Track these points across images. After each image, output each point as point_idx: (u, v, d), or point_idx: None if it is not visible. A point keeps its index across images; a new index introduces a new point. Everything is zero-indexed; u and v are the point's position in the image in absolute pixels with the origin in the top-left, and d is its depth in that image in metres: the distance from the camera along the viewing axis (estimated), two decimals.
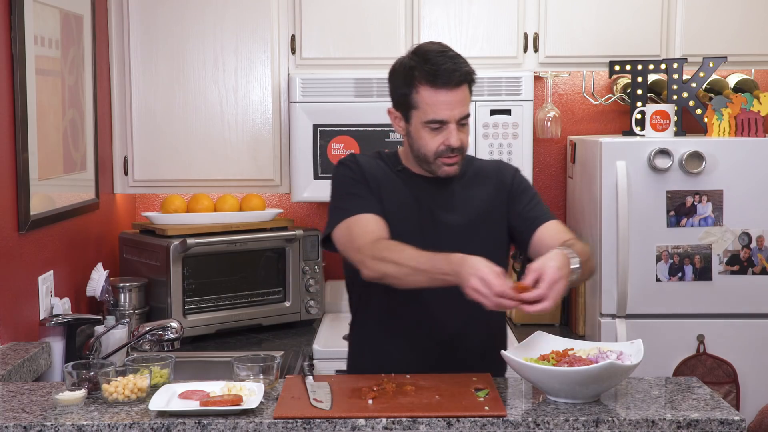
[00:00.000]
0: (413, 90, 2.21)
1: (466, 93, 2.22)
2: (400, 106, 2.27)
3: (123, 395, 1.97)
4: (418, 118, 2.22)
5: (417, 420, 1.87)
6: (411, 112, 2.24)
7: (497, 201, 2.34)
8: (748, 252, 3.20)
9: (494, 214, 2.33)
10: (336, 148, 3.41)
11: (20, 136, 2.62)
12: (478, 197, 2.33)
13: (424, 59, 2.20)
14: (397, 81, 2.25)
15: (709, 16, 3.50)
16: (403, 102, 2.25)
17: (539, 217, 2.34)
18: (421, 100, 2.20)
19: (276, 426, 1.86)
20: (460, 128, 2.22)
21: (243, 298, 3.46)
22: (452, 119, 2.20)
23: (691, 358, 3.23)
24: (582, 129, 3.88)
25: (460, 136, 2.22)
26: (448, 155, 2.23)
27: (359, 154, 2.38)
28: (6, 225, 2.56)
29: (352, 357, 2.47)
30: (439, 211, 2.29)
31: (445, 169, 2.25)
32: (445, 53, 2.21)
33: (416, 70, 2.20)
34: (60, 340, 2.64)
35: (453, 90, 2.18)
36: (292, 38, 3.49)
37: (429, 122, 2.20)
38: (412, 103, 2.22)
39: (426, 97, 2.19)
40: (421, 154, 2.26)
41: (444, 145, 2.22)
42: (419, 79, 2.19)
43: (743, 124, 3.28)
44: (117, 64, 3.50)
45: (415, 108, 2.22)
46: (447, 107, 2.19)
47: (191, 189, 3.59)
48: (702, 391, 2.06)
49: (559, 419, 1.87)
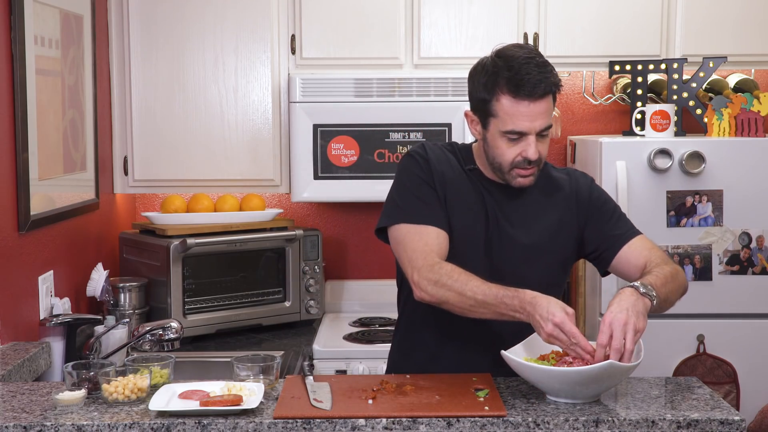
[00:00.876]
0: (494, 97, 2.09)
1: (550, 104, 2.11)
2: (477, 111, 2.16)
3: (123, 395, 1.97)
4: (496, 126, 2.11)
5: (417, 420, 1.87)
6: (489, 119, 2.13)
7: (568, 216, 2.25)
8: (748, 252, 3.20)
9: (564, 231, 2.24)
10: (336, 148, 3.41)
11: (20, 136, 2.62)
12: (549, 214, 2.23)
13: (508, 66, 2.08)
14: (478, 85, 2.13)
15: (709, 16, 3.50)
16: (482, 108, 2.14)
17: (623, 234, 2.24)
18: (500, 109, 2.09)
19: (276, 426, 1.86)
20: (539, 139, 2.12)
21: (243, 298, 3.46)
22: (532, 131, 2.09)
23: (691, 358, 3.23)
24: (582, 129, 3.88)
25: (539, 148, 2.12)
26: (524, 167, 2.13)
27: (431, 145, 2.25)
28: (6, 225, 2.56)
29: (398, 357, 2.39)
30: (507, 223, 2.20)
31: (519, 180, 2.16)
32: (532, 60, 2.08)
33: (499, 76, 2.08)
34: (60, 340, 2.64)
35: (536, 101, 2.07)
36: (292, 38, 3.49)
37: (508, 132, 2.10)
38: (492, 111, 2.11)
39: (507, 107, 2.08)
40: (496, 162, 2.16)
41: (521, 156, 2.11)
42: (501, 87, 2.08)
43: (743, 124, 3.28)
44: (117, 64, 3.50)
45: (494, 116, 2.11)
46: (528, 119, 2.08)
47: (191, 189, 3.59)
48: (702, 391, 2.06)
49: (559, 419, 1.87)
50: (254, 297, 3.48)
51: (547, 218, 2.24)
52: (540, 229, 2.23)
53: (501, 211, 2.21)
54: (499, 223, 2.20)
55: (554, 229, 2.24)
